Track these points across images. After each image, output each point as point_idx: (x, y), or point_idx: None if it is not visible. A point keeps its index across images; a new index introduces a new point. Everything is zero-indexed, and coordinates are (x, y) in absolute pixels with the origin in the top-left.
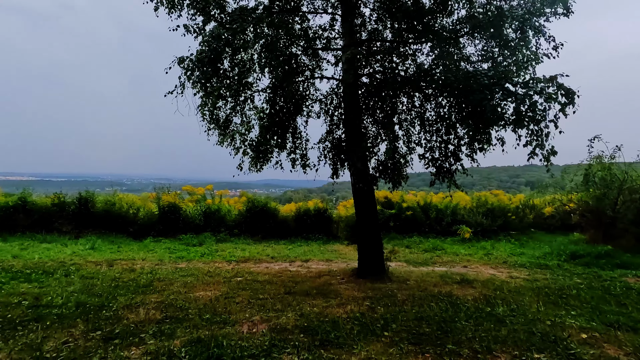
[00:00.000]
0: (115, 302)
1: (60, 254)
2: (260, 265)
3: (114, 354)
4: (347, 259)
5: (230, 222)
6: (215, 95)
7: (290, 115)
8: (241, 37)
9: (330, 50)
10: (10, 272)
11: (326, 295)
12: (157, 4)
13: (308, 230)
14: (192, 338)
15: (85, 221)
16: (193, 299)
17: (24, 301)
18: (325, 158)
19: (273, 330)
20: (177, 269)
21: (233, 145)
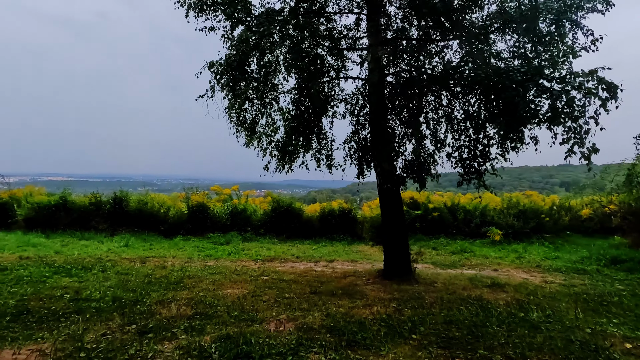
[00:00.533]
0: (149, 298)
1: (97, 250)
2: (286, 265)
3: (149, 347)
4: (372, 260)
5: (256, 222)
6: (242, 98)
7: (316, 115)
8: (268, 40)
9: (356, 50)
10: (53, 267)
11: (352, 296)
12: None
13: (332, 231)
14: (222, 334)
15: (119, 220)
16: (221, 296)
17: (66, 294)
18: (351, 158)
19: (300, 329)
20: (205, 266)
21: (260, 146)
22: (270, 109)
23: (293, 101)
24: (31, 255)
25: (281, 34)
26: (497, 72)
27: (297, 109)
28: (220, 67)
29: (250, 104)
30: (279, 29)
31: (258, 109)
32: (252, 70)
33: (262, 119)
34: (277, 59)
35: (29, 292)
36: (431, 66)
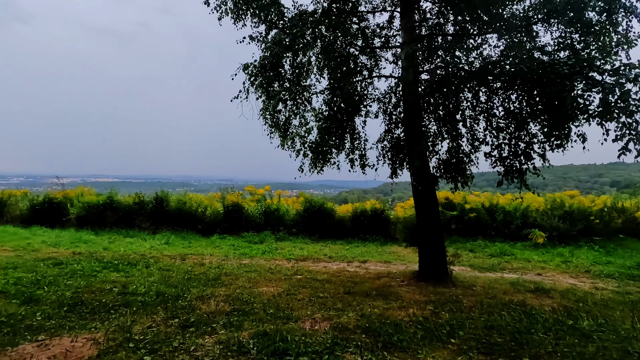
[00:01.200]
0: (189, 293)
1: (141, 247)
2: (319, 265)
3: (191, 340)
4: (406, 261)
5: (289, 222)
6: (276, 99)
7: (349, 115)
8: (300, 41)
9: (389, 48)
10: (102, 262)
11: (386, 297)
12: (221, 15)
13: (365, 231)
14: (259, 331)
15: (160, 218)
16: (257, 293)
17: (114, 288)
18: (384, 158)
19: (335, 328)
20: (241, 264)
21: (293, 147)
22: (303, 110)
23: (326, 101)
24: (83, 251)
25: (313, 35)
26: (541, 66)
27: (330, 109)
28: (255, 69)
29: (283, 105)
30: (312, 30)
31: (291, 110)
32: (286, 72)
33: (295, 120)
34: (309, 59)
35: (82, 285)
36: (468, 62)
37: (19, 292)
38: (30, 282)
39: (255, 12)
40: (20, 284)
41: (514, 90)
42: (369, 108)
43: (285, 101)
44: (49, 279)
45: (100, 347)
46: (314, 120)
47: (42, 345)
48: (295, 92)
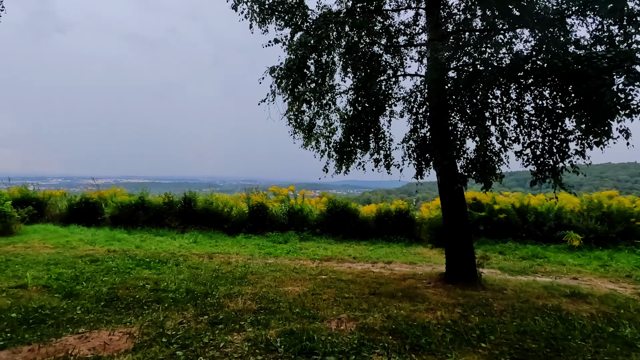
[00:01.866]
0: (217, 291)
1: (170, 246)
2: (343, 265)
3: (220, 337)
4: (432, 263)
5: (312, 222)
6: (300, 100)
7: (373, 115)
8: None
9: (414, 46)
10: (135, 259)
11: (413, 299)
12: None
13: (389, 232)
14: (285, 330)
15: (188, 218)
16: (283, 293)
17: (147, 285)
18: (409, 157)
19: (361, 329)
20: (266, 264)
21: (318, 147)
22: (327, 110)
23: (350, 101)
24: (117, 248)
25: (338, 35)
26: (576, 60)
27: (355, 109)
28: (281, 71)
29: (307, 105)
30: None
31: (315, 110)
32: (311, 73)
33: (319, 120)
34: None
35: (117, 281)
36: (497, 58)
37: (60, 286)
38: (70, 277)
39: (280, 15)
40: (61, 279)
41: (547, 86)
42: (393, 107)
43: (309, 102)
44: (86, 275)
45: (136, 341)
46: (338, 120)
47: (83, 338)
48: (320, 92)
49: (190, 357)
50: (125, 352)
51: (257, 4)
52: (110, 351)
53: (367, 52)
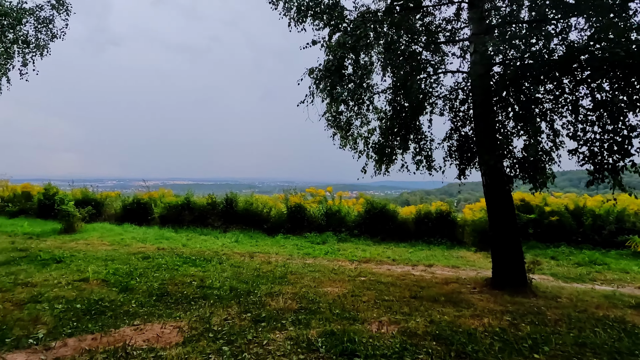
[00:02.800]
0: (259, 290)
1: (214, 245)
2: (382, 267)
3: (263, 335)
4: (477, 267)
5: (350, 223)
6: (338, 101)
7: (413, 114)
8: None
9: (455, 42)
10: (182, 257)
11: (457, 304)
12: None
13: (429, 234)
14: (326, 330)
15: (230, 218)
16: (322, 293)
17: (193, 282)
18: (451, 157)
19: (403, 333)
20: (305, 264)
21: (356, 148)
22: (365, 110)
23: (389, 101)
24: (165, 246)
25: (376, 34)
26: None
27: (393, 109)
28: (320, 72)
29: (345, 106)
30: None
31: (353, 111)
32: (349, 74)
33: (357, 121)
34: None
35: (166, 277)
36: (549, 50)
37: (117, 281)
38: (125, 273)
39: (317, 16)
40: (117, 274)
41: (607, 78)
42: (434, 106)
43: (347, 102)
44: (139, 270)
45: (185, 335)
46: (376, 120)
47: (138, 330)
48: (358, 92)
49: (236, 353)
50: (175, 345)
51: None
52: (163, 343)
53: (406, 51)
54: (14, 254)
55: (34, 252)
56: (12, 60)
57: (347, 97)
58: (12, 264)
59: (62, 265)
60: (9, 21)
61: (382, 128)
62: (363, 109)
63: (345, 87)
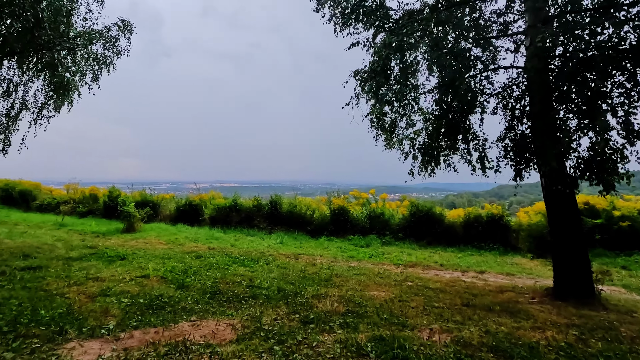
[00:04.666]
0: (305, 291)
1: (260, 246)
2: (429, 272)
3: (312, 336)
4: (534, 275)
5: (394, 226)
6: (383, 102)
7: (462, 113)
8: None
9: (507, 36)
10: (231, 257)
11: (514, 315)
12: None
13: (479, 239)
14: (375, 335)
15: (275, 220)
16: (368, 297)
17: (243, 281)
18: (505, 158)
19: (456, 342)
20: (350, 267)
21: (401, 149)
22: (410, 111)
23: (436, 101)
24: (215, 246)
25: (422, 33)
26: None
27: (441, 109)
28: (365, 74)
29: (390, 107)
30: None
31: (397, 112)
32: (395, 74)
33: (402, 122)
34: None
35: (218, 276)
36: (619, 38)
37: (174, 278)
38: (181, 270)
39: (361, 18)
40: (174, 271)
41: None
42: (485, 104)
43: (391, 103)
44: (193, 269)
45: (238, 332)
46: (421, 121)
47: (195, 325)
48: (403, 93)
49: (287, 353)
50: (230, 342)
51: (339, 8)
52: (218, 340)
53: (454, 48)
54: (85, 250)
55: (101, 250)
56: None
57: (392, 98)
58: (83, 259)
59: (125, 262)
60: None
61: (429, 129)
62: (408, 110)
63: (391, 87)
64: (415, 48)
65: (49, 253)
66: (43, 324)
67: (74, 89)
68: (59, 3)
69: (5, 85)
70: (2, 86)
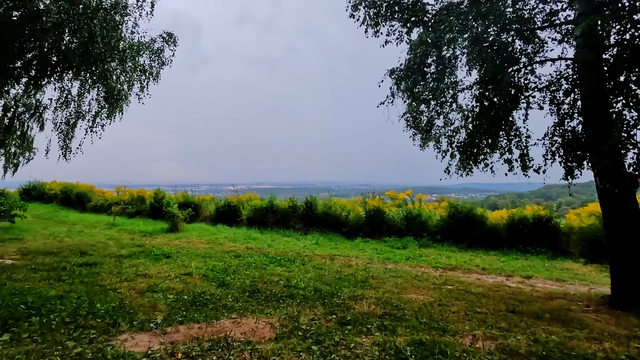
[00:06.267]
0: (342, 292)
1: (295, 246)
2: (471, 276)
3: (349, 338)
4: (587, 282)
5: (432, 228)
6: (420, 100)
7: (505, 110)
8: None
9: (555, 26)
10: (268, 257)
11: (566, 323)
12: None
13: (524, 242)
14: (415, 339)
15: (310, 221)
16: (406, 300)
17: (280, 281)
18: (553, 156)
19: (502, 350)
20: (386, 269)
21: (439, 148)
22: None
23: (476, 97)
24: (253, 246)
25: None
26: None
27: (481, 105)
28: (400, 72)
29: (426, 105)
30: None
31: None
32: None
33: (439, 120)
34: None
35: (256, 275)
36: None
37: (215, 276)
38: (221, 269)
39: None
40: (215, 270)
41: None
42: (530, 99)
43: (428, 102)
44: (233, 268)
45: (276, 331)
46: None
47: (235, 323)
48: (440, 90)
49: (325, 354)
50: (269, 340)
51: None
52: (258, 337)
53: (495, 42)
54: (134, 249)
55: (148, 248)
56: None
57: (429, 96)
58: (133, 257)
59: (170, 260)
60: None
61: (468, 126)
62: (446, 108)
63: (427, 85)
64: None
65: (103, 251)
66: (99, 316)
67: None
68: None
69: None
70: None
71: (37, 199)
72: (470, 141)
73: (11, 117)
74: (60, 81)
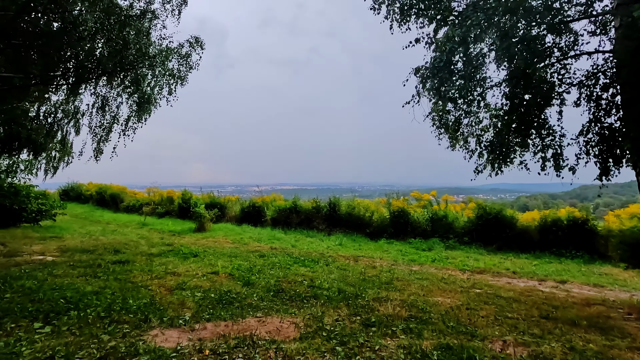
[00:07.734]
0: (366, 294)
1: (319, 247)
2: (500, 280)
3: (374, 340)
4: (629, 288)
5: (459, 229)
6: (446, 99)
7: (537, 107)
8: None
9: (590, 17)
10: (292, 257)
11: (605, 331)
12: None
13: (558, 245)
14: (441, 343)
15: (333, 221)
16: (432, 303)
17: (304, 281)
18: (588, 154)
19: (534, 358)
20: (411, 271)
21: (467, 148)
22: (475, 107)
23: (506, 94)
24: (277, 246)
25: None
26: None
27: (511, 103)
28: (426, 70)
29: (453, 104)
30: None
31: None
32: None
33: (467, 119)
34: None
35: (280, 275)
36: None
37: (240, 276)
38: (246, 269)
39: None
40: (240, 269)
41: None
42: (564, 95)
43: (455, 100)
44: (258, 267)
45: (300, 331)
46: (487, 117)
47: (260, 321)
48: (468, 88)
49: (349, 355)
50: (293, 339)
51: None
52: (282, 337)
53: (525, 36)
54: (164, 247)
55: (177, 247)
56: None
57: (456, 95)
58: (162, 256)
59: (197, 259)
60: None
61: (497, 125)
62: (473, 106)
63: (454, 83)
64: (481, 39)
65: (135, 249)
66: (131, 311)
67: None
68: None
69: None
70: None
71: (74, 199)
72: (500, 140)
73: (52, 122)
74: (95, 87)
